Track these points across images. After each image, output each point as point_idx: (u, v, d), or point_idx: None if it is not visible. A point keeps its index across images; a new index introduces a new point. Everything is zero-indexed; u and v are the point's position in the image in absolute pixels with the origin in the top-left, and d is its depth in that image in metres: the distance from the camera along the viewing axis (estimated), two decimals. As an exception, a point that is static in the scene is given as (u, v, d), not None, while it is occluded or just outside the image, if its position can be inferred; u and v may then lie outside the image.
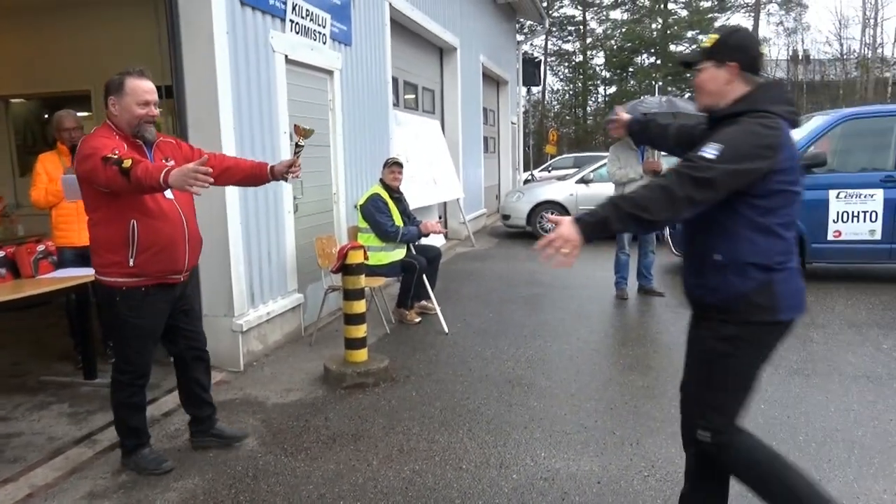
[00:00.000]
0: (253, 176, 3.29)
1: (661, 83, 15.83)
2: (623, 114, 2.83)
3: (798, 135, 7.40)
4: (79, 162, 2.82)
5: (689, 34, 34.28)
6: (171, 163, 2.96)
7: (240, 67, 4.65)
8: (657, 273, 7.16)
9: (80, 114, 4.90)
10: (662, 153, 6.83)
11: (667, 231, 7.70)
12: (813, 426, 3.52)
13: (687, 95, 31.66)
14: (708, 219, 2.06)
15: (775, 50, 34.11)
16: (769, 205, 2.02)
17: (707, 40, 2.21)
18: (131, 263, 2.87)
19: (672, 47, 34.94)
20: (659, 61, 35.54)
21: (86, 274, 4.26)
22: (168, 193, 2.94)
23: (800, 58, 31.48)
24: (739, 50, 2.11)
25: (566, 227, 2.05)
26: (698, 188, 1.95)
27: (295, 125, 3.19)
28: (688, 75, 33.61)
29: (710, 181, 1.94)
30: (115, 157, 2.67)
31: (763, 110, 2.03)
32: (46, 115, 7.33)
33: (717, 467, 2.27)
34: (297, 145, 3.19)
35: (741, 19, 34.28)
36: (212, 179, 2.61)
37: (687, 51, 34.14)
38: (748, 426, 2.29)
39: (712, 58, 2.14)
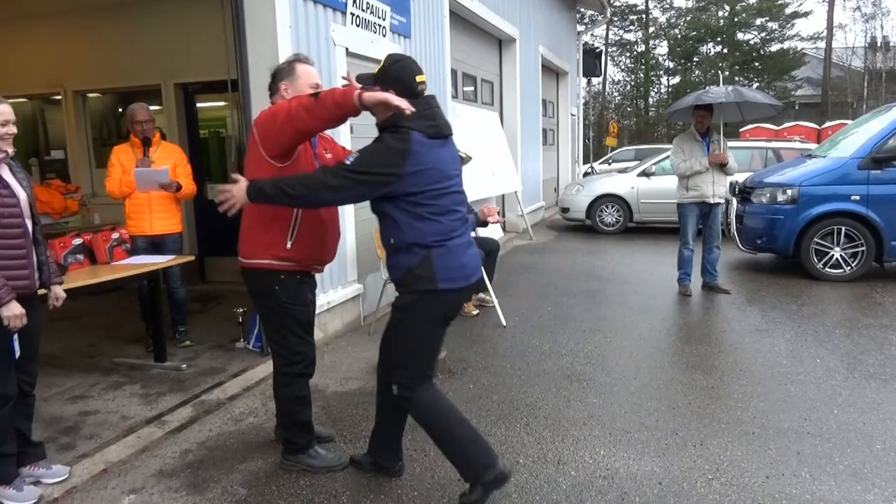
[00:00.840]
0: None
1: (727, 73, 15.23)
2: None
3: (876, 127, 7.02)
4: (259, 125, 2.76)
5: (758, 21, 32.92)
6: (329, 155, 3.01)
7: (303, 61, 4.71)
8: (723, 270, 6.94)
9: (152, 107, 5.07)
10: (730, 145, 6.62)
11: (734, 227, 7.44)
12: (891, 434, 3.34)
13: (755, 85, 30.56)
14: (383, 213, 2.63)
15: (851, 37, 32.42)
16: (417, 200, 2.54)
17: (378, 68, 2.68)
18: (288, 246, 2.80)
19: (740, 35, 33.64)
20: (725, 50, 34.31)
21: (157, 262, 4.43)
22: None
23: (878, 45, 29.80)
24: (397, 81, 2.59)
25: (237, 187, 2.59)
26: (334, 185, 2.50)
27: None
28: (756, 64, 32.49)
29: (343, 182, 2.49)
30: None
31: (400, 126, 2.51)
32: (120, 109, 7.64)
33: (400, 410, 2.84)
34: None
35: (815, 5, 32.74)
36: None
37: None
38: (818, 430, 2.19)
39: (378, 83, 2.61)
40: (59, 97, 7.55)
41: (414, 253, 2.57)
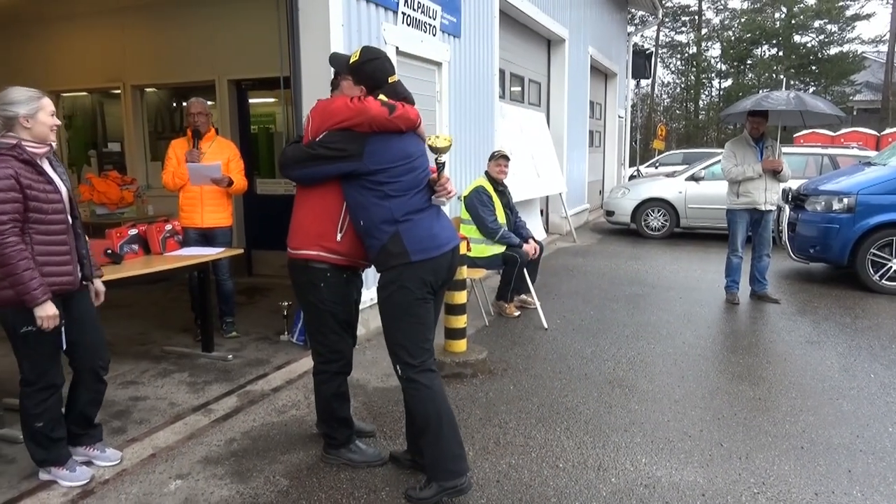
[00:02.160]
0: None
1: (783, 77, 14.78)
2: None
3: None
4: (317, 115, 2.74)
5: (817, 24, 31.89)
6: None
7: (354, 59, 4.77)
8: (772, 278, 6.76)
9: (209, 102, 5.20)
10: (784, 150, 6.42)
11: (785, 235, 7.23)
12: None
13: (811, 90, 29.61)
14: (349, 197, 2.72)
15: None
16: (379, 178, 2.64)
17: (352, 56, 2.79)
18: (338, 238, 2.81)
19: (797, 38, 32.65)
20: (781, 53, 33.34)
21: (208, 253, 4.55)
22: None
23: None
24: (370, 78, 2.74)
25: None
26: (297, 156, 2.73)
27: (428, 143, 2.84)
28: (813, 68, 31.47)
29: (304, 155, 2.70)
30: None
31: None
32: (174, 104, 7.86)
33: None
34: (436, 162, 2.81)
35: (877, 7, 31.54)
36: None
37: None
38: (871, 447, 2.11)
39: (352, 73, 2.76)
40: (118, 91, 7.81)
41: (383, 231, 2.66)
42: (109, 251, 3.98)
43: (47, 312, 2.65)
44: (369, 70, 2.73)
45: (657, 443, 3.34)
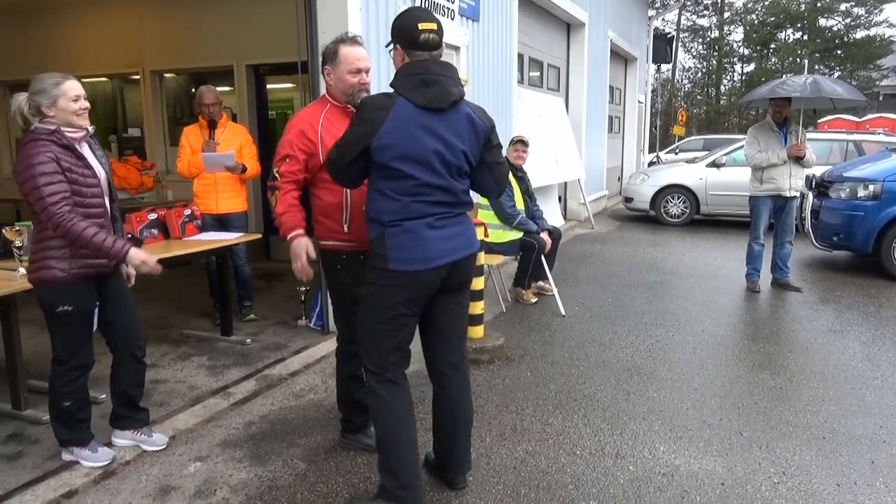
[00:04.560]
0: None
1: (807, 60, 14.48)
2: None
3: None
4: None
5: (843, 7, 31.18)
6: None
7: (371, 42, 4.74)
8: (794, 266, 6.66)
9: (222, 88, 5.19)
10: (808, 136, 6.30)
11: (808, 222, 7.12)
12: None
13: (836, 74, 29.02)
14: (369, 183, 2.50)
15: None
16: (381, 174, 2.37)
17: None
18: (345, 230, 2.82)
19: (822, 21, 31.97)
20: (805, 37, 32.67)
21: (227, 238, 4.56)
22: None
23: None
24: (400, 31, 2.42)
25: None
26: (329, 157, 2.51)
27: None
28: (838, 52, 30.80)
29: (330, 153, 2.49)
30: (273, 182, 2.78)
31: (391, 89, 2.39)
32: (193, 90, 7.88)
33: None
34: None
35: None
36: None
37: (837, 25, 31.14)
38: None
39: (392, 41, 2.47)
40: (137, 77, 7.84)
41: (373, 228, 2.44)
42: (129, 236, 4.01)
43: (140, 258, 2.75)
44: (398, 23, 2.44)
45: (676, 431, 3.31)
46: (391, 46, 2.49)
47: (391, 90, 2.39)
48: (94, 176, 2.80)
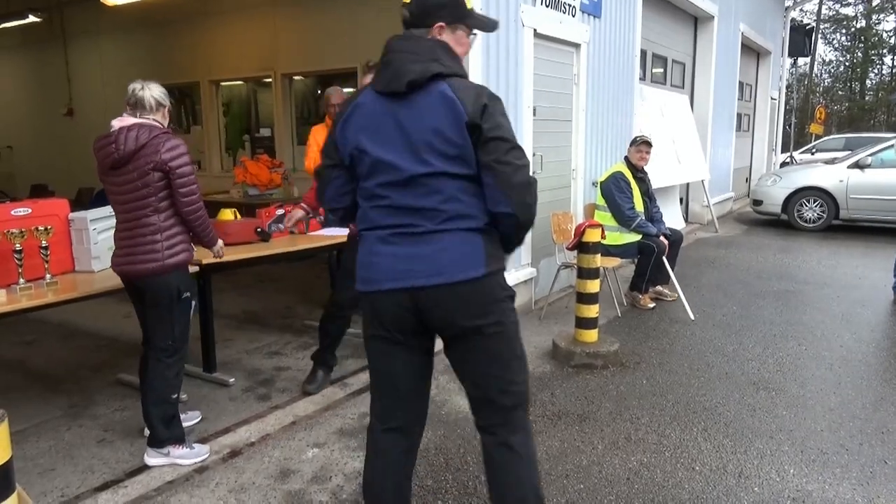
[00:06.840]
0: None
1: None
2: None
3: None
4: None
5: None
6: None
7: (490, 43, 4.75)
8: (952, 279, 5.97)
9: (346, 90, 5.40)
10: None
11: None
12: None
13: None
14: None
15: None
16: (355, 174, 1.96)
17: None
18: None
19: None
20: (972, 23, 29.26)
21: (344, 234, 4.73)
22: None
23: None
24: (441, 6, 2.02)
25: None
26: None
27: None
28: None
29: None
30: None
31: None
32: (319, 91, 8.25)
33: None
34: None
35: None
36: None
37: None
38: None
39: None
40: (270, 80, 8.33)
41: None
42: (259, 229, 4.26)
43: (221, 244, 3.12)
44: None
45: (808, 453, 3.07)
46: None
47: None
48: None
